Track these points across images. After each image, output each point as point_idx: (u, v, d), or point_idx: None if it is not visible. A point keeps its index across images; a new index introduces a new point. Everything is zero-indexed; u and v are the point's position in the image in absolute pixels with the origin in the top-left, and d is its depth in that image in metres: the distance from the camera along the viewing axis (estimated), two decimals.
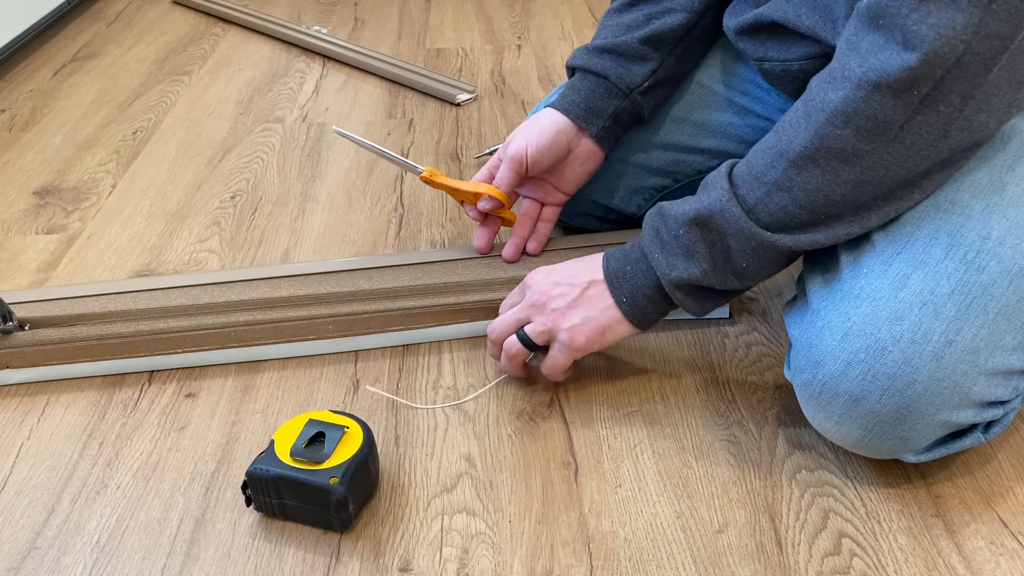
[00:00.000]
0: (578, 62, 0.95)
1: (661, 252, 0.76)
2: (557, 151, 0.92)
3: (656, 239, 0.77)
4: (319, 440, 0.73)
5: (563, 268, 0.82)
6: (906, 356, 0.66)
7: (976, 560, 0.68)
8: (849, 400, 0.69)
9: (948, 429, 0.70)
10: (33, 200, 1.21)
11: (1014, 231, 0.68)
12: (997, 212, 0.68)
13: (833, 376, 0.69)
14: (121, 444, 0.81)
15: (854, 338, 0.68)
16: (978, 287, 0.67)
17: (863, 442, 0.71)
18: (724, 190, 0.72)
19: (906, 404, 0.67)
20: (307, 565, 0.70)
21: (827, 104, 0.66)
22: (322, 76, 1.57)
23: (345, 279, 0.94)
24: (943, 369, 0.66)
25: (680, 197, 0.79)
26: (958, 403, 0.67)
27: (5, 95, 1.53)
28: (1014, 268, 0.67)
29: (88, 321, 0.90)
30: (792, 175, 0.69)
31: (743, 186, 0.72)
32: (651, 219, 0.78)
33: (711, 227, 0.73)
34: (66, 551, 0.71)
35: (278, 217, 1.15)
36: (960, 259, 0.67)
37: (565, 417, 0.83)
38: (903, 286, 0.68)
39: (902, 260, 0.69)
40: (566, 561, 0.69)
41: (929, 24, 0.60)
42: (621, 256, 0.80)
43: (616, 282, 0.79)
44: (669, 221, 0.76)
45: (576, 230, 1.06)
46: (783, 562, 0.68)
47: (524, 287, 0.84)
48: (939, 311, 0.66)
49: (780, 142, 0.70)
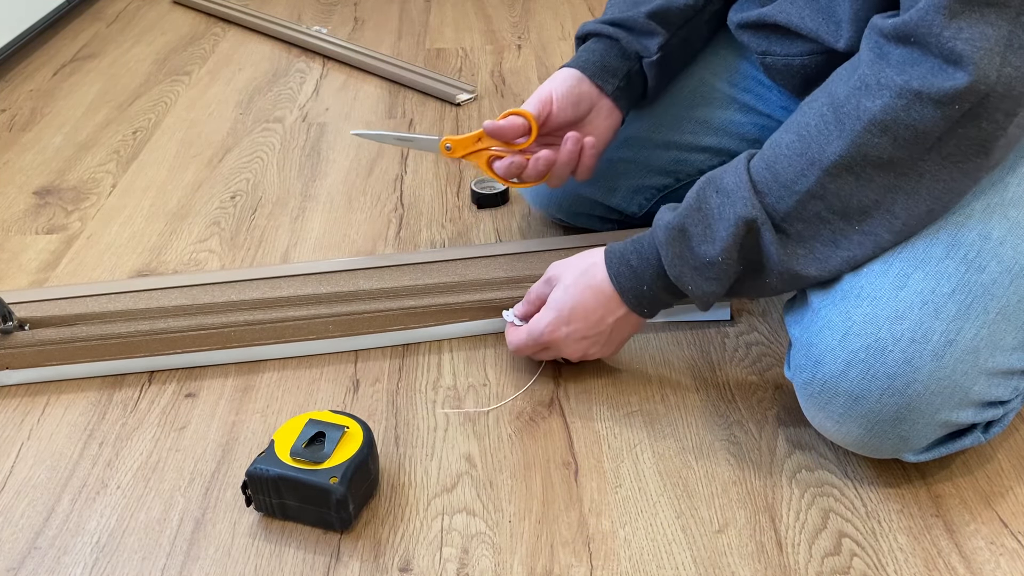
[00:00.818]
0: (589, 28, 0.94)
1: (692, 275, 0.74)
2: (579, 100, 0.91)
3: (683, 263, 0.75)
4: (319, 440, 0.73)
5: (578, 317, 0.80)
6: (907, 355, 0.66)
7: (976, 560, 0.68)
8: (849, 399, 0.69)
9: (948, 429, 0.70)
10: (33, 200, 1.21)
11: (1015, 231, 0.68)
12: (998, 212, 0.68)
13: (833, 375, 0.69)
14: (121, 444, 0.81)
15: (854, 337, 0.68)
16: (979, 287, 0.67)
17: (863, 441, 0.71)
18: (751, 202, 0.70)
19: (906, 403, 0.67)
20: (307, 565, 0.70)
21: (863, 112, 0.65)
22: (322, 76, 1.57)
23: (345, 279, 0.94)
24: (943, 369, 0.66)
25: (682, 196, 0.78)
26: (958, 403, 0.67)
27: (5, 95, 1.53)
28: (1015, 268, 0.67)
29: (88, 321, 0.90)
30: (826, 182, 0.68)
31: (771, 195, 0.70)
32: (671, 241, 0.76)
33: (747, 245, 0.72)
34: (66, 551, 0.71)
35: (278, 217, 1.15)
36: (961, 259, 0.67)
37: (565, 417, 0.83)
38: (903, 285, 0.68)
39: (902, 259, 0.69)
40: (566, 561, 0.69)
41: (963, 39, 0.60)
42: (633, 277, 0.78)
43: (638, 307, 0.79)
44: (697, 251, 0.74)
45: (576, 230, 1.06)
46: (783, 562, 0.68)
47: (550, 282, 0.84)
48: (940, 310, 0.66)
49: (811, 149, 0.68)
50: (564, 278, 0.82)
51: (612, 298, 0.79)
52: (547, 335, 0.81)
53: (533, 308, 0.86)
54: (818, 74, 0.79)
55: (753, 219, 0.70)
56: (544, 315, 0.82)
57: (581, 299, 0.80)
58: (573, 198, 1.00)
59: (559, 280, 0.82)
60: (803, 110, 0.71)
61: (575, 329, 0.81)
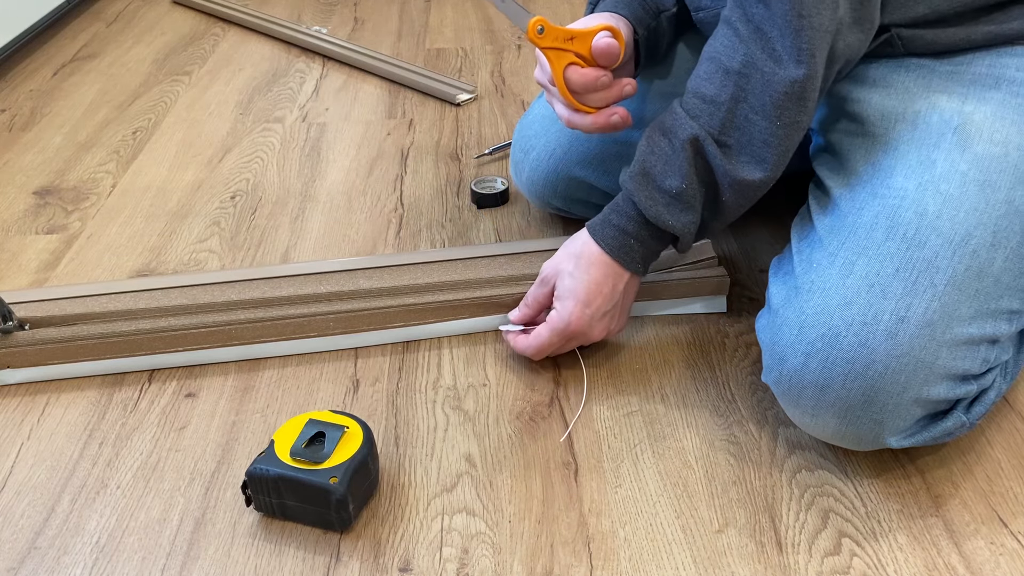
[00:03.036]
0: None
1: (667, 211, 0.78)
2: (628, 47, 0.88)
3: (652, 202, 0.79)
4: (319, 440, 0.73)
5: (594, 294, 0.82)
6: (860, 338, 0.68)
7: (976, 560, 0.68)
8: (815, 390, 0.70)
9: (926, 408, 0.70)
10: (33, 200, 1.21)
11: (949, 203, 0.70)
12: (930, 188, 0.71)
13: (796, 369, 0.71)
14: (121, 444, 0.81)
15: (809, 329, 0.70)
16: (922, 262, 0.69)
17: (841, 431, 0.72)
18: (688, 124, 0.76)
19: (870, 385, 0.68)
20: (307, 565, 0.70)
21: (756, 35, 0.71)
22: (322, 76, 1.57)
23: (345, 279, 0.94)
24: (900, 346, 0.67)
25: None
26: (924, 378, 0.68)
27: (5, 95, 1.53)
28: (955, 239, 0.69)
29: (88, 321, 0.90)
30: (742, 83, 0.73)
31: (703, 115, 0.75)
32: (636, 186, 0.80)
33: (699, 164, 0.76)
34: (66, 551, 0.71)
35: (278, 217, 1.15)
36: (900, 238, 0.70)
37: (565, 417, 0.83)
38: (849, 272, 0.70)
39: (847, 249, 0.71)
40: (566, 561, 0.69)
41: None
42: (620, 235, 0.81)
43: (632, 263, 0.82)
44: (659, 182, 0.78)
45: (576, 222, 1.06)
46: (783, 562, 0.68)
47: (546, 281, 0.85)
48: (886, 291, 0.68)
49: (722, 66, 0.74)
50: (563, 267, 0.83)
51: (611, 264, 0.82)
52: (574, 323, 0.83)
53: (533, 312, 0.87)
54: None
55: (695, 137, 0.75)
56: (564, 306, 0.83)
57: (590, 277, 0.82)
58: (568, 181, 1.00)
59: (559, 272, 0.84)
60: (710, 44, 0.77)
61: (597, 307, 0.83)
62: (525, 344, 0.86)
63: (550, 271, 0.85)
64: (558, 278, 0.84)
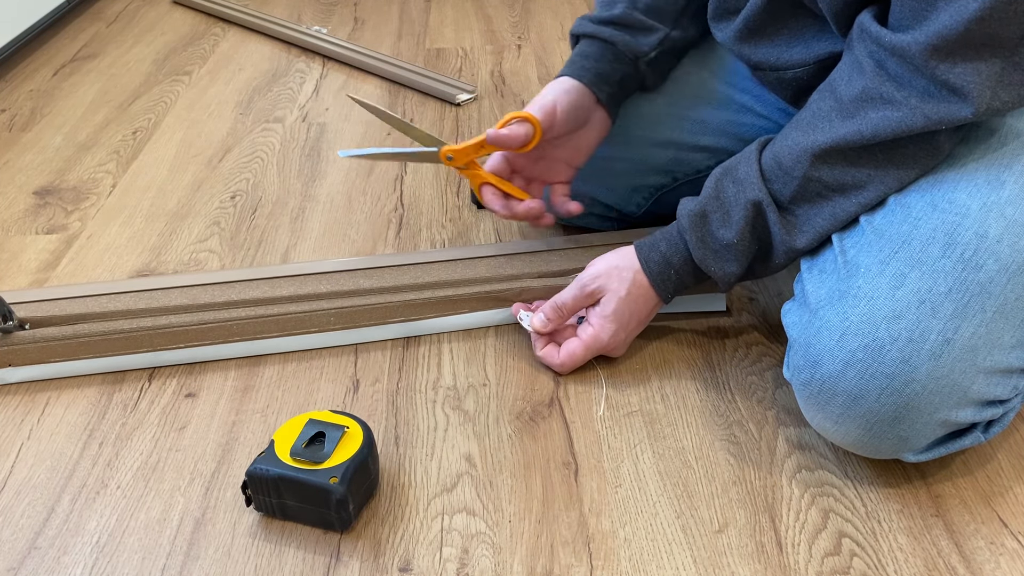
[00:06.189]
0: (585, 29, 0.93)
1: (713, 258, 0.80)
2: (579, 112, 0.91)
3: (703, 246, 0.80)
4: (319, 440, 0.73)
5: (635, 320, 0.85)
6: (904, 355, 0.66)
7: (976, 560, 0.68)
8: (848, 399, 0.69)
9: (948, 428, 0.70)
10: (33, 200, 1.21)
11: (1011, 229, 0.68)
12: (995, 211, 0.69)
13: (831, 375, 0.69)
14: (121, 444, 0.81)
15: (852, 337, 0.68)
16: (975, 285, 0.67)
17: (862, 442, 0.71)
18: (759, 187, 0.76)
19: (905, 403, 0.67)
20: (307, 565, 0.70)
21: (868, 121, 0.70)
22: (322, 76, 1.57)
23: (345, 279, 0.94)
24: (941, 368, 0.66)
25: (679, 195, 0.79)
26: (957, 402, 0.67)
27: (5, 95, 1.53)
28: (1012, 266, 0.67)
29: (88, 321, 0.90)
30: (819, 165, 0.73)
31: (776, 181, 0.75)
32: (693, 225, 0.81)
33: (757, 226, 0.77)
34: (66, 551, 0.71)
35: (278, 217, 1.15)
36: (957, 257, 0.67)
37: (565, 417, 0.83)
38: (900, 285, 0.68)
39: (899, 259, 0.69)
40: (566, 561, 0.69)
41: (957, 74, 0.65)
42: (663, 263, 0.83)
43: (664, 291, 0.84)
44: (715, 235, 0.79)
45: (576, 229, 1.06)
46: (783, 562, 0.68)
47: (592, 295, 0.85)
48: (937, 309, 0.66)
49: (809, 141, 0.73)
50: (611, 286, 0.84)
51: (650, 290, 0.84)
52: (609, 344, 0.85)
53: (565, 319, 0.87)
54: (809, 84, 0.80)
55: (759, 201, 0.76)
56: (604, 328, 0.84)
57: (635, 305, 0.84)
58: (572, 196, 1.00)
59: (606, 290, 0.84)
60: (810, 108, 0.75)
61: (631, 331, 0.86)
62: (558, 361, 0.86)
63: (595, 284, 0.84)
64: (604, 295, 0.84)
